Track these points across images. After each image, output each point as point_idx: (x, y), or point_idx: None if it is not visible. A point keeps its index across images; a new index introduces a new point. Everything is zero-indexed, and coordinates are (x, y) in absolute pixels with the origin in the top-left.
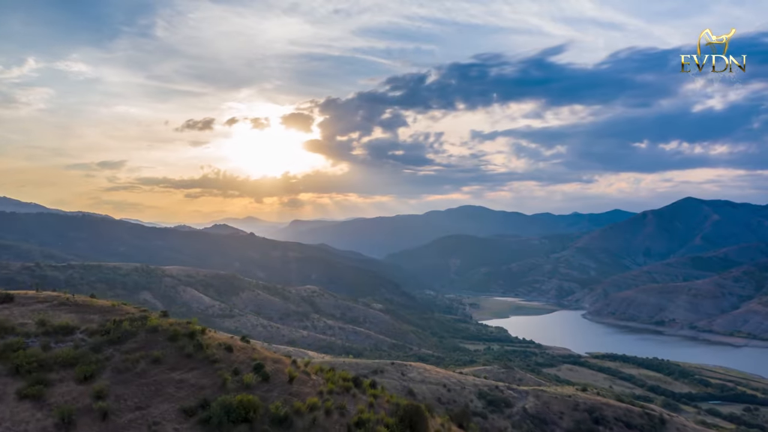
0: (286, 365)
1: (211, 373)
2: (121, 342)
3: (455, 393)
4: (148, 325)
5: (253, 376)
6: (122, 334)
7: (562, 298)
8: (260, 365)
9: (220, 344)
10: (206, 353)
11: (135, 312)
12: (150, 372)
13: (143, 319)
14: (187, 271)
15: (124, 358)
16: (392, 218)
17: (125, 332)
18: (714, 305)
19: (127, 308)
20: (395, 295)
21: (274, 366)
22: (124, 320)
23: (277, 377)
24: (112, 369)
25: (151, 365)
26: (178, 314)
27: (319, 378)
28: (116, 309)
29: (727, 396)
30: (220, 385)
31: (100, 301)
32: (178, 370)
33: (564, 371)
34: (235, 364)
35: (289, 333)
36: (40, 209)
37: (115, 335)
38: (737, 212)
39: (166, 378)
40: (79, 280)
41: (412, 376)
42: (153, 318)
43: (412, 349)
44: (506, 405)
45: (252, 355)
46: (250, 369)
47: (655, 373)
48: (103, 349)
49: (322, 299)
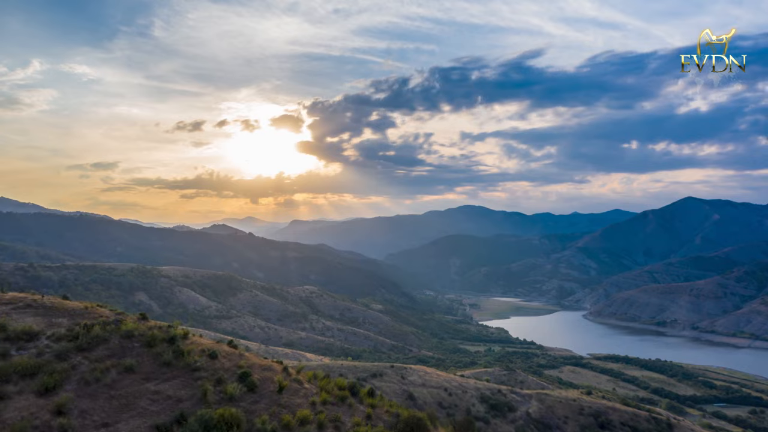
0: (276, 372)
1: (191, 383)
2: (91, 349)
3: (457, 397)
4: (122, 330)
5: (237, 386)
6: (92, 339)
7: (563, 298)
8: (246, 374)
9: (203, 350)
10: (186, 361)
11: (109, 315)
12: (121, 383)
13: (117, 323)
14: (184, 272)
15: (92, 368)
16: (392, 218)
17: (96, 338)
18: (716, 305)
19: (101, 311)
20: (395, 295)
21: (262, 374)
22: (96, 324)
23: (266, 387)
24: (79, 379)
25: (123, 375)
26: (174, 315)
27: (313, 386)
28: (89, 312)
29: (732, 398)
30: (200, 397)
31: (72, 303)
32: (154, 380)
33: (566, 373)
34: (218, 372)
35: (287, 334)
36: (38, 209)
37: (84, 341)
38: (737, 212)
39: (140, 389)
40: (73, 281)
41: (413, 380)
42: (129, 321)
43: (412, 350)
44: (509, 409)
45: (239, 361)
46: (235, 378)
47: (659, 375)
48: (69, 356)
49: (321, 300)
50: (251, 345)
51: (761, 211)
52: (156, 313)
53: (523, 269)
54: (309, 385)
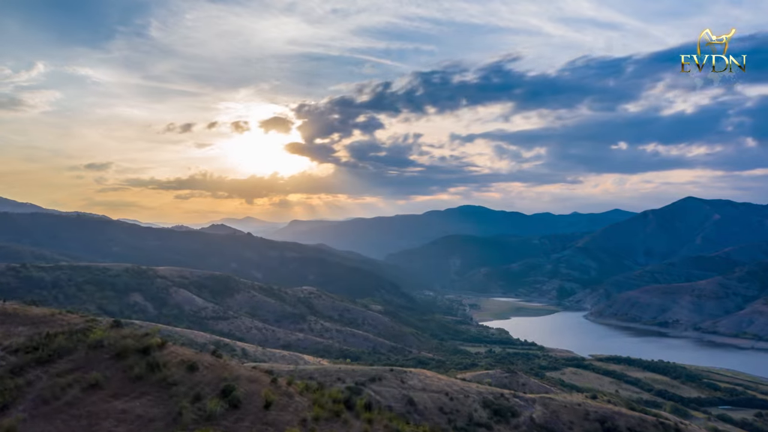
0: (263, 385)
1: (165, 399)
2: (52, 361)
3: (458, 402)
4: (90, 339)
5: (218, 403)
6: (54, 351)
7: (563, 298)
8: (230, 388)
9: (181, 362)
10: (161, 374)
11: (78, 322)
12: (85, 401)
13: (85, 332)
14: (181, 272)
15: (51, 383)
16: (391, 218)
17: (59, 349)
18: (718, 306)
19: (69, 317)
20: (394, 296)
21: (248, 387)
22: (60, 333)
23: (251, 402)
24: (35, 397)
25: (88, 391)
26: (170, 317)
27: (305, 399)
28: (55, 319)
29: (737, 400)
30: (175, 416)
31: (36, 310)
32: (123, 397)
33: (568, 375)
34: (198, 386)
35: (284, 336)
36: (36, 209)
37: (45, 353)
38: (738, 212)
39: (105, 408)
40: (66, 281)
41: (413, 384)
42: (99, 329)
43: (411, 351)
44: (512, 414)
45: (222, 374)
46: (216, 393)
47: (662, 377)
48: (26, 371)
49: (320, 300)
50: (248, 347)
51: (761, 211)
52: (151, 315)
53: (523, 269)
54: (300, 398)
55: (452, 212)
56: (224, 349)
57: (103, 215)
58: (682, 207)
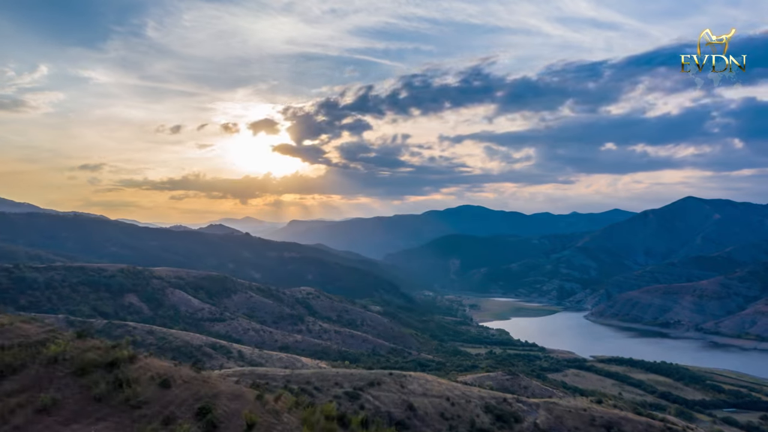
0: (247, 402)
1: (129, 424)
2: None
3: (460, 407)
4: (46, 353)
5: (191, 426)
6: (3, 367)
7: (564, 298)
8: (206, 408)
9: (152, 378)
10: (126, 394)
11: (36, 332)
12: (34, 427)
13: (40, 345)
14: (177, 272)
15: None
16: (390, 218)
17: (8, 365)
18: (720, 306)
19: (24, 328)
20: (394, 296)
21: (229, 406)
22: (12, 347)
23: (231, 423)
24: None
25: (39, 415)
26: (165, 318)
27: (293, 418)
28: (7, 330)
29: (742, 403)
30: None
31: None
32: (80, 422)
33: (570, 377)
34: (170, 407)
35: (282, 337)
36: (33, 209)
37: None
38: (738, 212)
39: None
40: (60, 282)
41: (413, 389)
42: (58, 342)
43: (411, 353)
44: (516, 420)
45: (199, 390)
46: (191, 414)
47: (665, 378)
48: None
49: (318, 301)
50: (245, 349)
51: (762, 210)
52: (146, 316)
53: (523, 269)
54: (289, 417)
55: (451, 212)
56: (220, 352)
57: (100, 215)
58: (682, 207)
